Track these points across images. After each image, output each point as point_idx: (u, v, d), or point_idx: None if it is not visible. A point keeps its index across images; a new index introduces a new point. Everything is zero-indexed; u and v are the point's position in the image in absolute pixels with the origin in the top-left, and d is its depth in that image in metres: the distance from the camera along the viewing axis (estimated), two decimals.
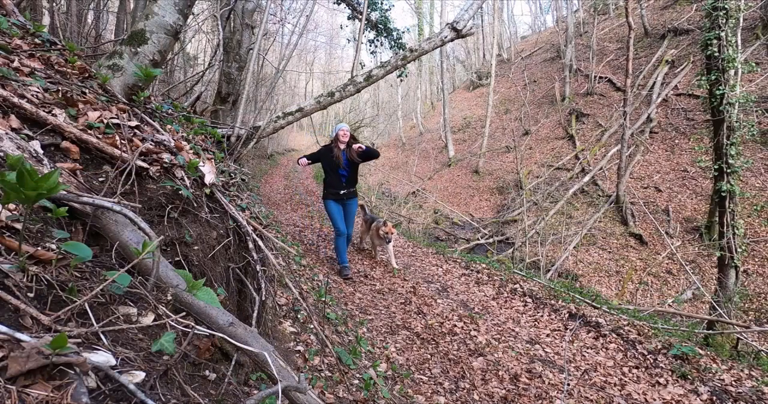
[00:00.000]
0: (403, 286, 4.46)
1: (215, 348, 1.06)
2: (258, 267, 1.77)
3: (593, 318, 3.85)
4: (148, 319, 0.90)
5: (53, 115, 1.30)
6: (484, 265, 5.65)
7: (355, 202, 4.61)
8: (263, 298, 1.71)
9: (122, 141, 1.39)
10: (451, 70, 29.71)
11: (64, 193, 0.99)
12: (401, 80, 8.69)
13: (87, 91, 1.61)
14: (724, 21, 6.48)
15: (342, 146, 4.34)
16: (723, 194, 6.57)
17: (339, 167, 4.34)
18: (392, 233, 4.86)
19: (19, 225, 0.89)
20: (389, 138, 27.03)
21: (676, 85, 13.36)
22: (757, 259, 8.23)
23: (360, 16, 7.26)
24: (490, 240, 10.45)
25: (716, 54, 6.57)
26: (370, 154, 4.40)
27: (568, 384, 2.73)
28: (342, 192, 4.42)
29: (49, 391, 0.58)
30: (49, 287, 0.80)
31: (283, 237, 5.14)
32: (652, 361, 3.11)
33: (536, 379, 2.80)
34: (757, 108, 10.00)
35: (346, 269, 4.56)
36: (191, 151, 1.73)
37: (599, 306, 4.22)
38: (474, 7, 2.71)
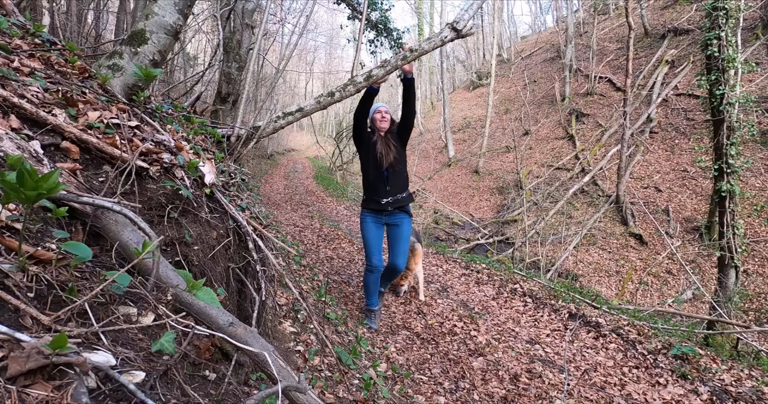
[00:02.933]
0: (403, 286, 4.46)
1: (215, 348, 1.06)
2: (258, 267, 1.77)
3: (593, 318, 3.85)
4: (148, 319, 0.90)
5: (53, 115, 1.30)
6: (484, 265, 5.65)
7: (407, 221, 3.20)
8: (263, 298, 1.71)
9: (122, 141, 1.39)
10: (451, 70, 29.72)
11: (64, 193, 0.99)
12: (401, 80, 8.68)
13: (87, 91, 1.61)
14: (724, 21, 6.48)
15: (382, 133, 3.09)
16: (723, 194, 6.57)
17: (381, 163, 3.06)
18: (402, 286, 4.02)
19: (19, 225, 0.89)
20: None
21: (676, 85, 13.36)
22: (757, 259, 8.23)
23: (360, 16, 7.25)
24: (490, 240, 10.45)
25: (716, 54, 6.57)
26: (408, 117, 3.08)
27: (568, 384, 2.72)
28: (384, 201, 3.08)
29: (49, 391, 0.58)
30: (49, 287, 0.80)
31: (283, 237, 5.14)
32: (652, 361, 3.11)
33: (536, 379, 2.80)
34: (757, 108, 10.00)
35: (372, 315, 3.34)
36: (191, 151, 1.73)
37: (599, 306, 4.22)
38: (474, 7, 2.69)
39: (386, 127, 3.10)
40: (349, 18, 8.09)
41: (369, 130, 3.18)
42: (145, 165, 1.38)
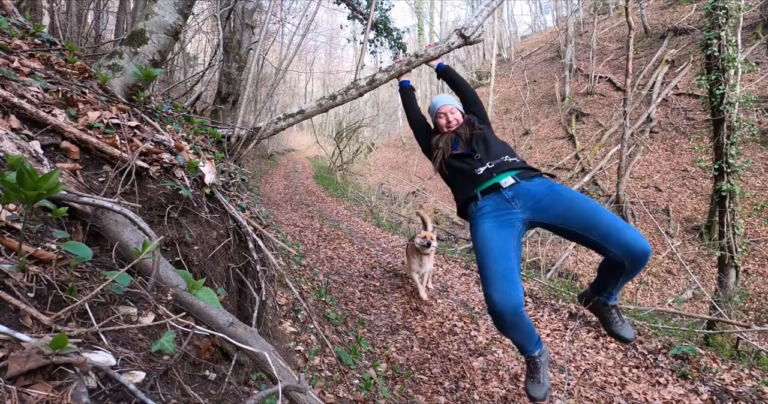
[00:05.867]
0: (403, 286, 4.46)
1: (215, 348, 1.06)
2: (258, 267, 1.77)
3: (593, 318, 3.84)
4: (148, 319, 0.90)
5: (53, 115, 1.30)
6: None
7: (554, 185, 1.83)
8: (263, 298, 1.71)
9: (122, 141, 1.39)
10: None
11: (64, 193, 0.99)
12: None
13: (87, 91, 1.61)
14: (724, 21, 6.48)
15: (453, 127, 2.16)
16: (723, 194, 6.57)
17: (456, 148, 2.07)
18: (433, 239, 3.73)
19: (19, 225, 0.89)
20: (389, 138, 27.07)
21: (676, 85, 13.36)
22: (757, 259, 8.23)
23: (359, 16, 7.24)
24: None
25: (716, 54, 6.57)
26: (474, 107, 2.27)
27: (568, 384, 2.72)
28: (481, 169, 1.89)
29: (49, 391, 0.58)
30: (49, 287, 0.80)
31: (283, 237, 5.15)
32: (652, 361, 3.11)
33: None
34: (757, 107, 9.99)
35: (538, 367, 1.89)
36: (191, 151, 1.73)
37: None
38: (484, 14, 2.68)
39: (457, 124, 2.16)
40: (349, 18, 8.08)
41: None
42: (145, 165, 1.38)
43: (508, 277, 1.62)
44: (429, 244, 3.71)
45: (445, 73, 2.47)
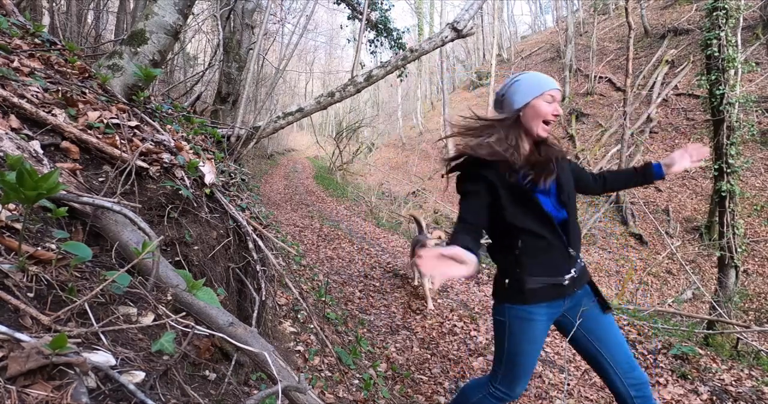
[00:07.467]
0: (403, 286, 4.46)
1: (215, 348, 1.06)
2: (258, 267, 1.77)
3: None
4: (148, 319, 0.90)
5: (53, 115, 1.30)
6: (484, 265, 5.65)
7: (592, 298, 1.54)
8: (263, 298, 1.71)
9: (122, 141, 1.39)
10: (451, 70, 29.73)
11: (64, 193, 0.99)
12: (401, 80, 8.71)
13: (87, 91, 1.61)
14: (724, 21, 6.48)
15: (544, 133, 1.40)
16: (723, 194, 6.57)
17: (546, 189, 1.40)
18: (441, 238, 3.75)
19: (19, 225, 0.89)
20: (389, 138, 27.07)
21: (676, 85, 13.37)
22: (757, 259, 8.23)
23: (360, 16, 7.25)
24: (490, 240, 10.44)
25: (716, 54, 6.57)
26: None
27: (568, 384, 2.72)
28: (567, 278, 1.40)
29: (49, 391, 0.58)
30: (49, 287, 0.80)
31: (283, 237, 5.15)
32: (652, 361, 3.11)
33: (536, 379, 2.80)
34: (757, 108, 10.00)
35: None
36: (191, 151, 1.73)
37: None
38: (474, 7, 2.69)
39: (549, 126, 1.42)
40: (349, 18, 8.09)
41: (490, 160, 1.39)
42: (145, 165, 1.38)
43: (531, 371, 1.61)
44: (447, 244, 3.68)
45: (650, 177, 1.65)
